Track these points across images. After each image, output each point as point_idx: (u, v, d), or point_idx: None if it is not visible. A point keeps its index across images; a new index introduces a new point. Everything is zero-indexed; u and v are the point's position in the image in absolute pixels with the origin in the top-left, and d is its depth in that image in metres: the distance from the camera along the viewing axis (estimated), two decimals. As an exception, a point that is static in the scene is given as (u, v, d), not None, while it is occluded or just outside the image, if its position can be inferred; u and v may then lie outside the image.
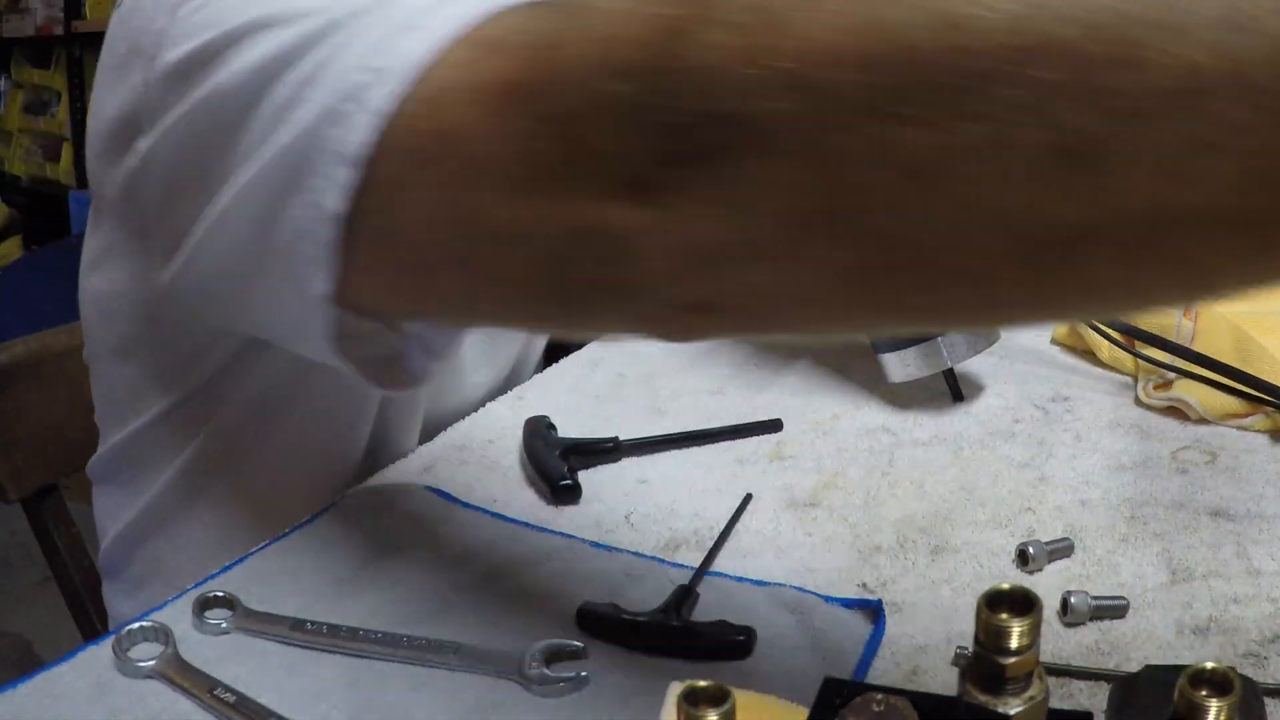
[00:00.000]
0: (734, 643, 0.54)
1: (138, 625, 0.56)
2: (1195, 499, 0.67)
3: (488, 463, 0.76)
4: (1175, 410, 0.78)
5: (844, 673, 0.53)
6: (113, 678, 0.54)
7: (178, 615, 0.58)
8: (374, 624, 0.57)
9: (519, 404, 0.85)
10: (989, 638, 0.37)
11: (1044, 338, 0.93)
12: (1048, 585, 0.59)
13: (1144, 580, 0.60)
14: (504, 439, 0.78)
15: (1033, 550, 0.61)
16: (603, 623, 0.56)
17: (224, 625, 0.57)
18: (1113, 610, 0.56)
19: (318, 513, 0.69)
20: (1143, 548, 0.63)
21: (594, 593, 0.58)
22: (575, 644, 0.54)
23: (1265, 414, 0.75)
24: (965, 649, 0.53)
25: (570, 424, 0.78)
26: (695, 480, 0.73)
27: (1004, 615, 0.37)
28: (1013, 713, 0.37)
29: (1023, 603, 0.37)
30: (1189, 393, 0.77)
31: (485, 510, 0.69)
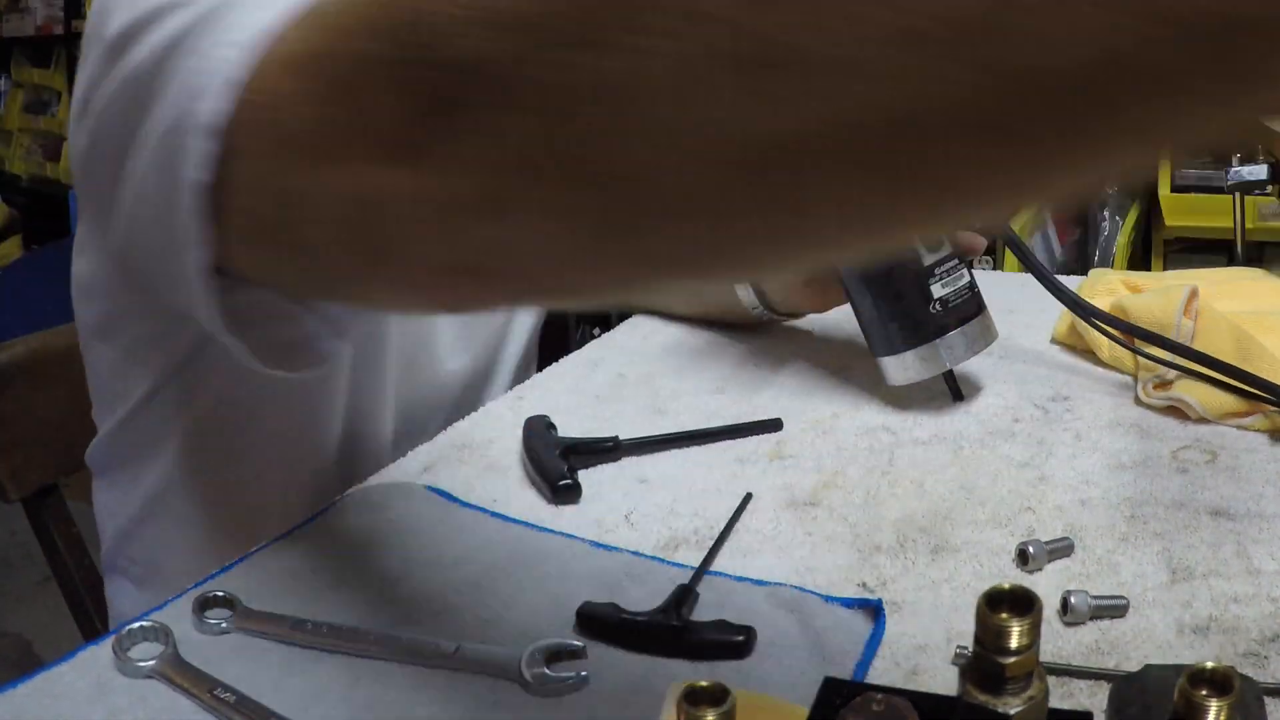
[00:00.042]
0: (734, 642, 0.54)
1: (138, 625, 0.56)
2: (1195, 498, 0.67)
3: (488, 462, 0.76)
4: (1175, 410, 0.78)
5: (844, 673, 0.53)
6: (113, 678, 0.54)
7: (178, 615, 0.58)
8: (374, 624, 0.57)
9: (519, 404, 0.85)
10: (989, 637, 0.37)
11: (1044, 338, 0.93)
12: (1048, 585, 0.59)
13: (1144, 580, 0.60)
14: (504, 439, 0.78)
15: (1033, 550, 0.61)
16: (603, 623, 0.56)
17: (224, 625, 0.57)
18: (1113, 610, 0.56)
19: (317, 512, 0.69)
20: (1143, 547, 0.63)
21: (594, 592, 0.58)
22: (575, 644, 0.54)
23: (1265, 414, 0.75)
24: (965, 649, 0.53)
25: (570, 424, 0.78)
26: (695, 480, 0.73)
27: (1004, 615, 0.37)
28: (1013, 713, 0.37)
29: (1023, 602, 0.37)
30: (1189, 392, 0.77)
31: (485, 510, 0.69)
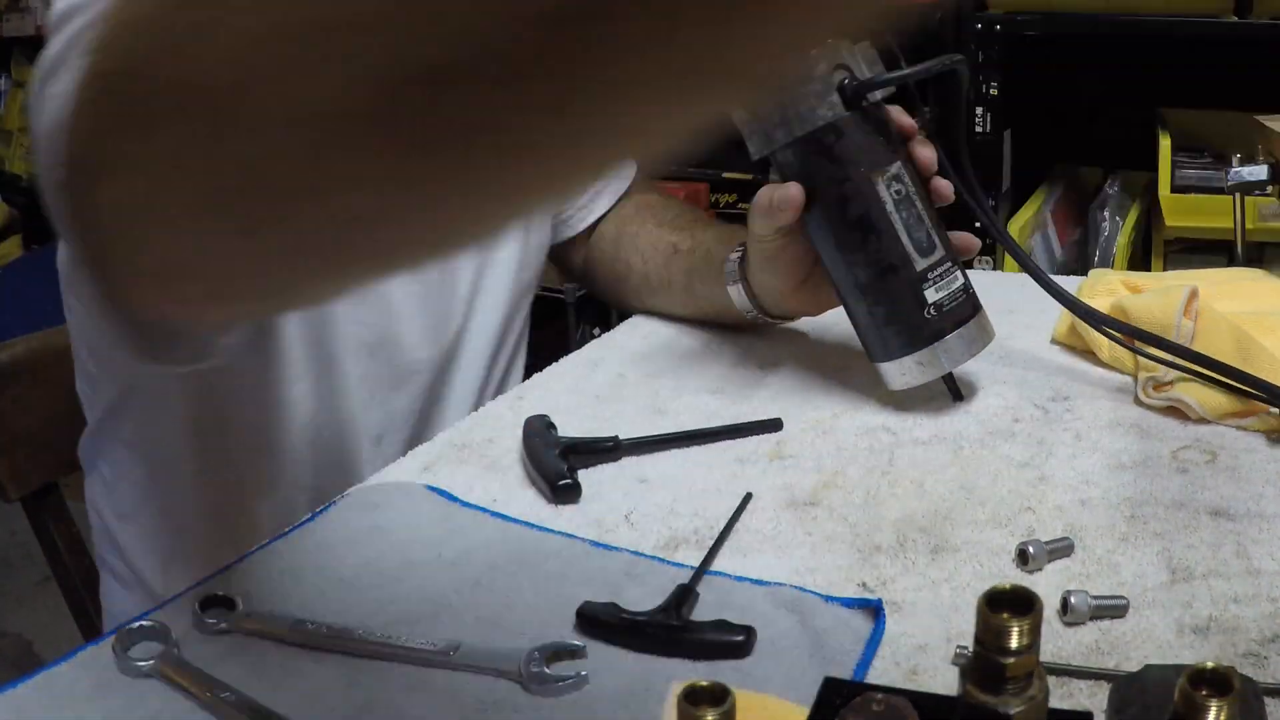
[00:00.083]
0: (734, 642, 0.54)
1: (138, 625, 0.56)
2: (1195, 498, 0.67)
3: (488, 462, 0.76)
4: (1175, 410, 0.78)
5: (844, 673, 0.53)
6: (113, 677, 0.54)
7: (178, 615, 0.58)
8: (374, 624, 0.57)
9: (519, 404, 0.85)
10: (989, 638, 0.37)
11: (1044, 338, 0.93)
12: (1048, 585, 0.59)
13: (1144, 580, 0.60)
14: (504, 438, 0.78)
15: (1033, 550, 0.61)
16: (603, 622, 0.56)
17: (224, 625, 0.57)
18: (1113, 610, 0.56)
19: (317, 512, 0.69)
20: (1143, 547, 0.63)
21: (594, 592, 0.58)
22: (575, 644, 0.54)
23: (1265, 414, 0.75)
24: (965, 649, 0.53)
25: (570, 423, 0.78)
26: (695, 480, 0.72)
27: (1004, 615, 0.37)
28: (1013, 713, 0.37)
29: (1023, 603, 0.37)
30: (1189, 392, 0.77)
31: (485, 510, 0.69)
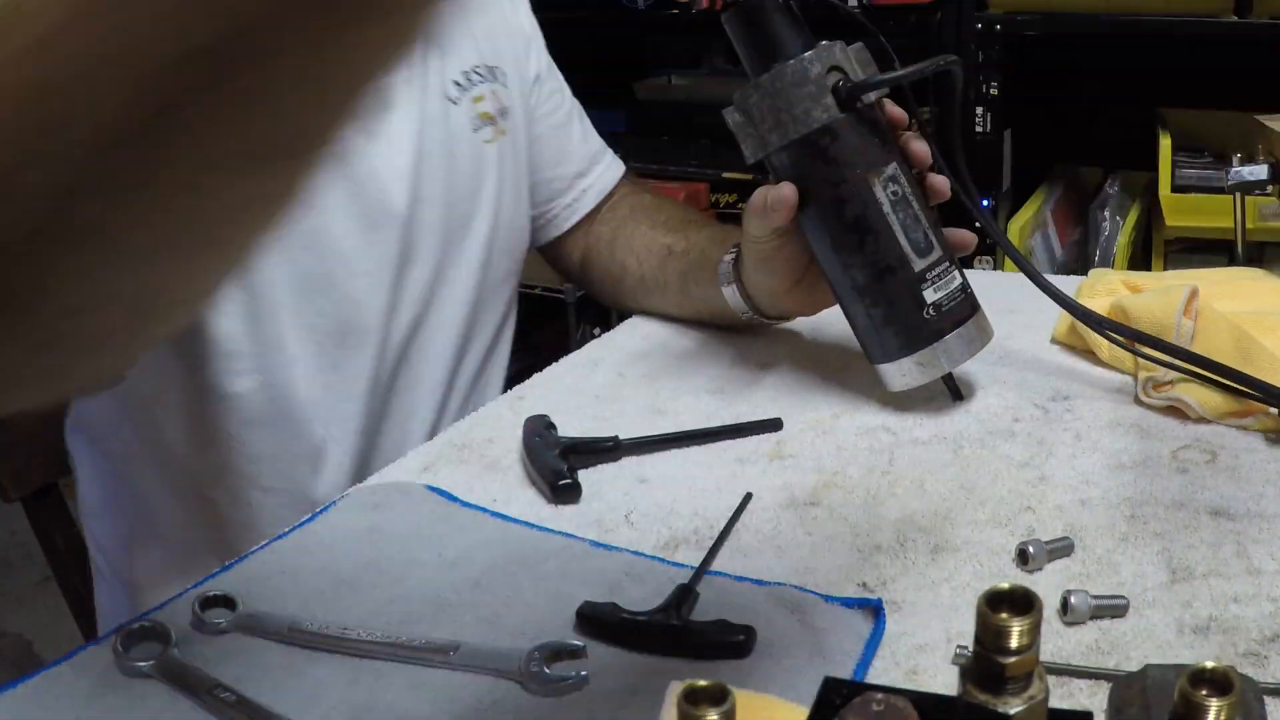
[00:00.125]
0: (734, 642, 0.54)
1: (137, 625, 0.56)
2: (1195, 498, 0.67)
3: (488, 462, 0.76)
4: (1175, 410, 0.78)
5: (844, 672, 0.53)
6: (112, 678, 0.54)
7: (178, 615, 0.58)
8: (374, 624, 0.57)
9: (519, 404, 0.85)
10: (989, 637, 0.37)
11: (1044, 338, 0.93)
12: (1048, 585, 0.59)
13: (1144, 580, 0.60)
14: (504, 438, 0.78)
15: (1033, 550, 0.61)
16: (603, 622, 0.56)
17: (224, 625, 0.57)
18: (1113, 610, 0.56)
19: (317, 512, 0.69)
20: (1143, 547, 0.63)
21: (594, 592, 0.58)
22: (575, 644, 0.54)
23: (1265, 414, 0.75)
24: (965, 648, 0.53)
25: (570, 424, 0.78)
26: (695, 480, 0.72)
27: (1004, 615, 0.37)
28: (1013, 713, 0.37)
29: (1023, 602, 0.37)
30: (1189, 392, 0.77)
31: (485, 510, 0.69)
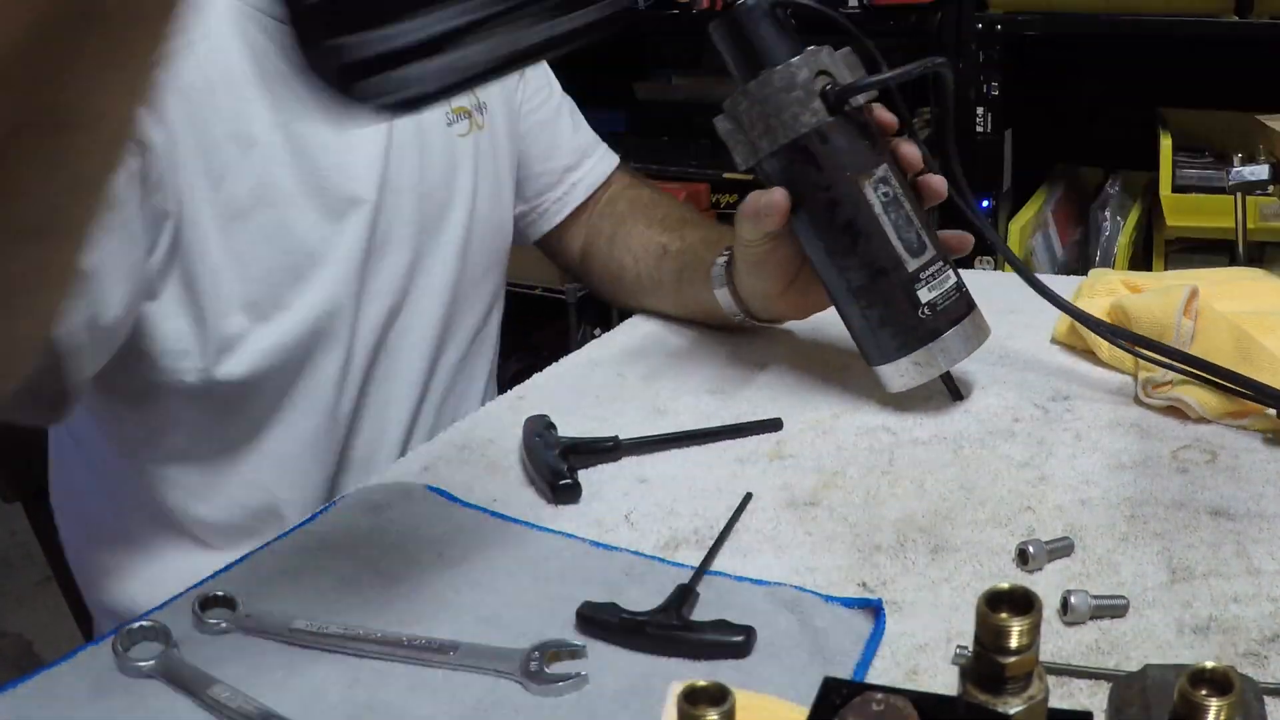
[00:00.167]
0: (734, 642, 0.54)
1: (138, 625, 0.56)
2: (1195, 498, 0.67)
3: (488, 462, 0.76)
4: (1175, 410, 0.78)
5: (844, 672, 0.53)
6: (112, 678, 0.54)
7: (178, 615, 0.58)
8: (374, 624, 0.57)
9: (519, 404, 0.85)
10: (989, 637, 0.37)
11: (1044, 338, 0.93)
12: (1048, 585, 0.59)
13: (1144, 580, 0.60)
14: (504, 438, 0.78)
15: (1033, 550, 0.61)
16: (603, 622, 0.56)
17: (224, 625, 0.57)
18: (1113, 610, 0.56)
19: (317, 512, 0.69)
20: (1143, 547, 0.63)
21: (594, 592, 0.58)
22: (575, 643, 0.54)
23: (1264, 414, 0.75)
24: (965, 648, 0.53)
25: (570, 424, 0.78)
26: (695, 480, 0.72)
27: (1004, 615, 0.37)
28: (1013, 712, 0.37)
29: (1023, 602, 0.37)
30: (1188, 392, 0.77)
31: (485, 510, 0.68)
